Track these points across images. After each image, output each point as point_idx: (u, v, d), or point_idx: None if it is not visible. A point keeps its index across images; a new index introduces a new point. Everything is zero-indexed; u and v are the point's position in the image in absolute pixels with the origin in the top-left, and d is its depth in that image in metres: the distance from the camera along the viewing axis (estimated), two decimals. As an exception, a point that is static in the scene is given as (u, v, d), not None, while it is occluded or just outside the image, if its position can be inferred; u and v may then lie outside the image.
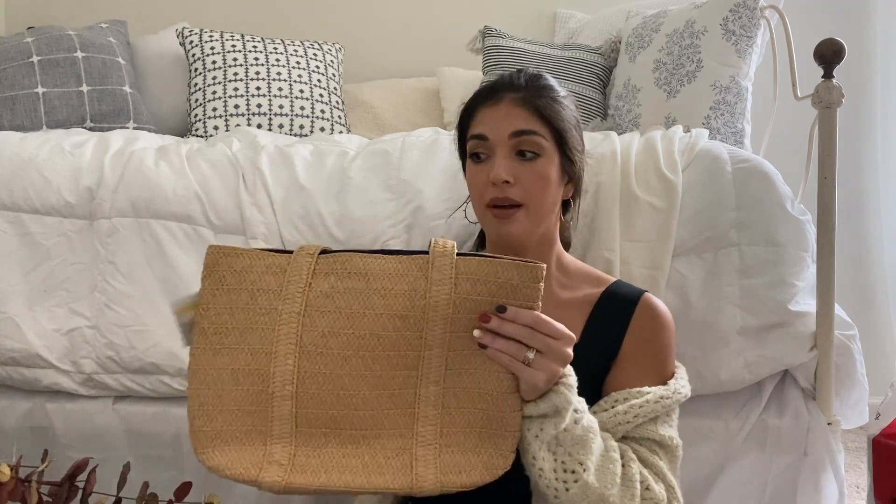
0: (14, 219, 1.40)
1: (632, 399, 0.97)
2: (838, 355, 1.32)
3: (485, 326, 0.81)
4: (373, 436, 0.82)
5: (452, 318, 0.81)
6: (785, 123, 1.83)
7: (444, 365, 0.82)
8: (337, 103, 2.14)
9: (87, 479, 1.10)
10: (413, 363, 0.82)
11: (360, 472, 0.81)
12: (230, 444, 0.82)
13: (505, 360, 0.81)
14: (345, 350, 0.81)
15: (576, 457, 0.87)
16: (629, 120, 1.80)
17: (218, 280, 0.83)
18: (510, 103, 1.04)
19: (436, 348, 0.81)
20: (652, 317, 1.05)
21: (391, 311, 0.81)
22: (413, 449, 0.82)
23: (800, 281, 1.31)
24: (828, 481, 1.32)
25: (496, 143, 1.03)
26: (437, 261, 0.81)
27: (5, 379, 1.37)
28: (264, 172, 1.44)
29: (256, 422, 0.82)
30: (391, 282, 0.81)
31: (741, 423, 1.34)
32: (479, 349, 0.81)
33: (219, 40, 2.12)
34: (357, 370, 0.81)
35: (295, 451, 0.81)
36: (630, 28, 1.94)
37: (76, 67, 1.97)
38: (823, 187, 1.32)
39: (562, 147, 1.05)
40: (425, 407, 0.82)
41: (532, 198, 1.02)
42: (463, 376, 0.82)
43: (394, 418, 0.82)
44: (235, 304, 0.82)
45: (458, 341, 0.82)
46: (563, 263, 1.11)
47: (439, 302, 0.80)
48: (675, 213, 1.32)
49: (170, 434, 1.38)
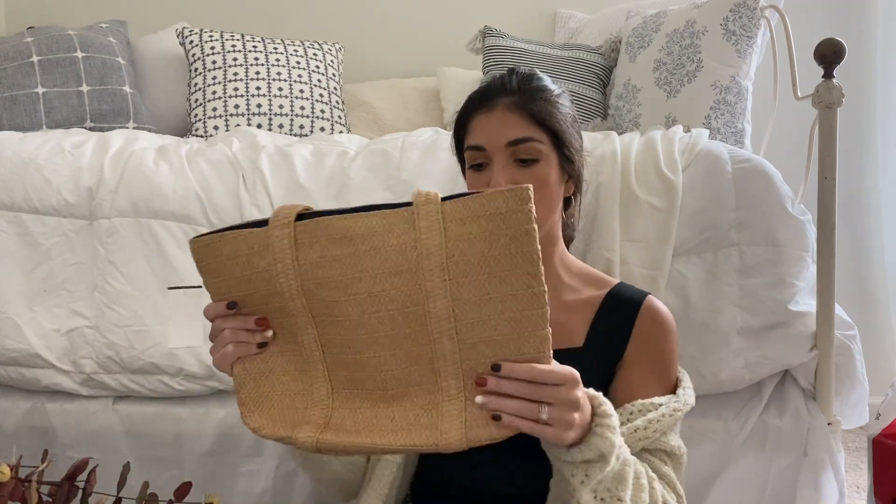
0: (14, 219, 1.40)
1: (647, 412, 0.96)
2: (838, 355, 1.32)
3: (485, 390, 0.75)
4: (401, 394, 0.79)
5: (448, 265, 0.75)
6: (785, 123, 1.83)
7: (451, 317, 0.77)
8: (337, 103, 2.14)
9: (87, 479, 1.10)
10: (421, 319, 0.77)
11: (389, 431, 0.79)
12: (274, 406, 0.83)
13: (521, 425, 0.75)
14: (349, 317, 0.78)
15: (615, 493, 0.85)
16: (629, 120, 1.80)
17: (213, 272, 0.82)
18: (504, 110, 1.02)
19: (439, 300, 0.76)
20: (656, 321, 1.04)
21: (385, 270, 0.76)
22: (440, 404, 0.78)
23: (800, 281, 1.31)
24: (828, 481, 1.32)
25: (493, 153, 1.02)
26: (422, 209, 0.76)
27: (5, 379, 1.37)
28: (264, 172, 1.44)
29: (300, 386, 0.83)
30: (378, 239, 0.77)
31: (741, 423, 1.34)
32: (490, 306, 0.75)
33: (219, 40, 2.12)
34: (367, 334, 0.78)
35: (332, 413, 0.81)
36: (630, 28, 1.94)
37: (76, 67, 1.97)
38: (823, 187, 1.32)
39: (559, 148, 1.04)
40: (443, 362, 0.78)
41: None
42: (475, 326, 0.77)
43: (416, 375, 0.79)
44: (240, 289, 0.82)
45: (461, 290, 0.76)
46: (566, 264, 1.11)
47: (431, 250, 0.75)
48: (675, 213, 1.32)
49: (170, 434, 1.38)
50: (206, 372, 1.35)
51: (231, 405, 1.39)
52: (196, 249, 0.82)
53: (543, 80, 1.07)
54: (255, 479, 1.38)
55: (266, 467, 1.38)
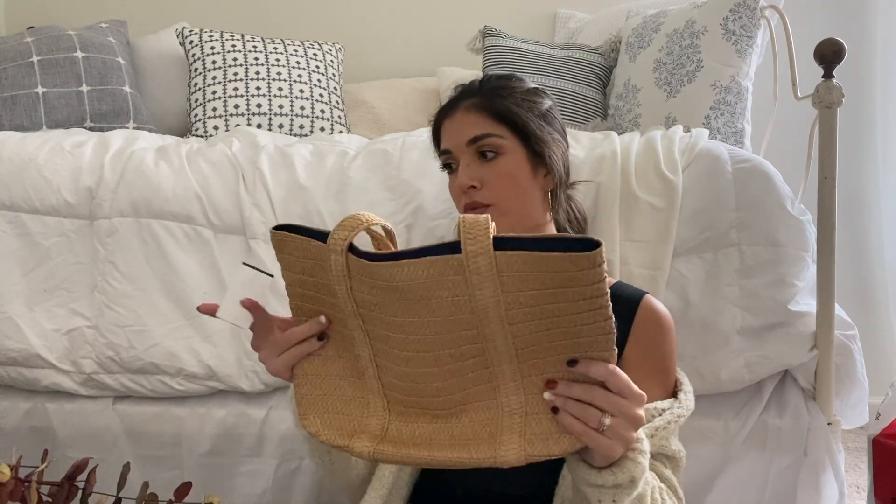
0: (14, 219, 1.40)
1: (652, 419, 0.96)
2: (838, 355, 1.32)
3: (555, 392, 0.74)
4: (460, 412, 0.79)
5: (507, 315, 0.72)
6: (785, 123, 1.83)
7: (513, 352, 0.75)
8: (337, 103, 2.14)
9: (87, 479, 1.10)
10: (479, 352, 0.75)
11: (446, 446, 0.79)
12: (330, 411, 0.83)
13: (578, 429, 0.73)
14: (403, 352, 0.77)
15: None
16: (629, 120, 1.80)
17: (287, 264, 0.82)
18: (464, 112, 1.08)
19: (499, 341, 0.74)
20: (654, 321, 1.04)
21: (437, 317, 0.74)
22: (500, 419, 0.77)
23: (800, 281, 1.31)
24: (828, 481, 1.32)
25: (458, 153, 1.07)
26: (472, 262, 0.70)
27: (5, 379, 1.37)
28: (264, 172, 1.44)
29: (357, 392, 0.83)
30: (427, 291, 0.72)
31: (741, 423, 1.34)
32: (545, 346, 0.74)
33: (219, 40, 2.12)
34: (421, 368, 0.77)
35: (388, 425, 0.81)
36: (630, 28, 1.94)
37: (76, 67, 1.97)
38: (823, 187, 1.32)
39: (525, 141, 1.06)
40: (503, 380, 0.77)
41: (500, 196, 1.05)
42: (537, 357, 0.75)
43: (476, 394, 0.78)
44: (308, 289, 0.82)
45: (522, 329, 0.73)
46: None
47: (488, 306, 0.72)
48: (675, 213, 1.32)
49: (170, 434, 1.38)
50: (206, 372, 1.35)
51: (231, 405, 1.39)
52: (274, 240, 0.82)
53: (511, 80, 1.11)
54: (255, 479, 1.38)
55: (266, 467, 1.38)
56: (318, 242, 0.78)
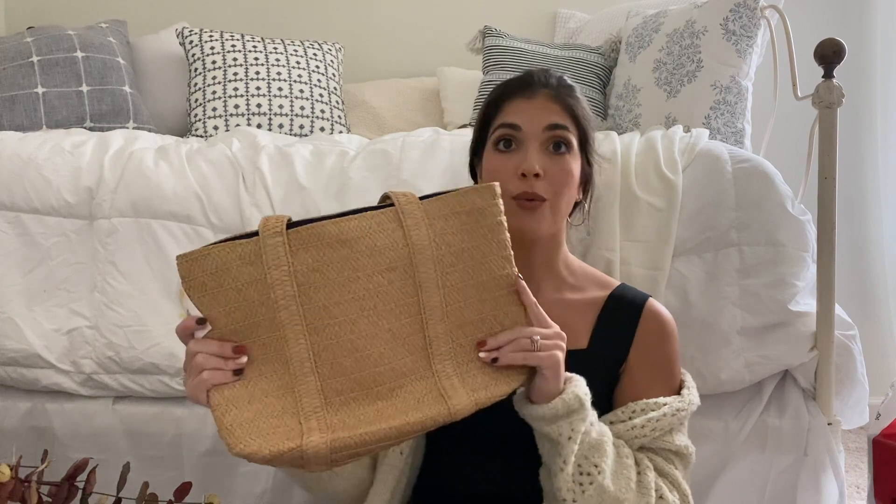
0: (14, 219, 1.40)
1: (649, 411, 0.97)
2: (838, 355, 1.32)
3: (487, 349, 0.85)
4: (397, 385, 0.83)
5: (436, 256, 0.85)
6: (785, 123, 1.83)
7: (443, 303, 0.85)
8: (337, 103, 2.14)
9: (87, 479, 1.10)
10: (415, 309, 0.84)
11: (398, 415, 0.82)
12: (263, 428, 0.80)
13: (520, 357, 0.84)
14: (349, 315, 0.82)
15: (591, 459, 0.88)
16: (629, 120, 1.80)
17: (200, 288, 0.81)
18: (545, 97, 1.05)
19: (431, 289, 0.85)
20: (658, 325, 1.05)
21: (380, 267, 0.83)
22: (438, 385, 0.84)
23: (800, 281, 1.31)
24: (828, 481, 1.32)
25: (529, 135, 1.03)
26: (406, 208, 0.86)
27: (5, 379, 1.37)
28: (264, 172, 1.44)
29: (286, 405, 0.81)
30: (371, 239, 0.83)
31: (741, 423, 1.34)
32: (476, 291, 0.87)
33: (219, 40, 2.12)
34: (366, 330, 0.82)
35: (329, 420, 0.81)
36: (630, 28, 1.94)
37: (76, 67, 1.97)
38: (823, 187, 1.32)
39: (584, 148, 1.07)
40: (437, 345, 0.85)
41: (556, 194, 1.02)
42: (463, 309, 0.86)
43: (412, 364, 0.84)
44: (228, 305, 0.81)
45: (449, 278, 0.86)
46: (569, 265, 1.11)
47: (422, 244, 0.85)
48: (675, 213, 1.32)
49: (170, 434, 1.38)
50: (206, 372, 1.35)
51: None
52: (182, 265, 0.80)
53: (575, 85, 1.10)
54: (255, 479, 1.38)
55: (265, 468, 1.38)
56: (244, 240, 0.81)
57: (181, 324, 0.82)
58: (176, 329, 0.82)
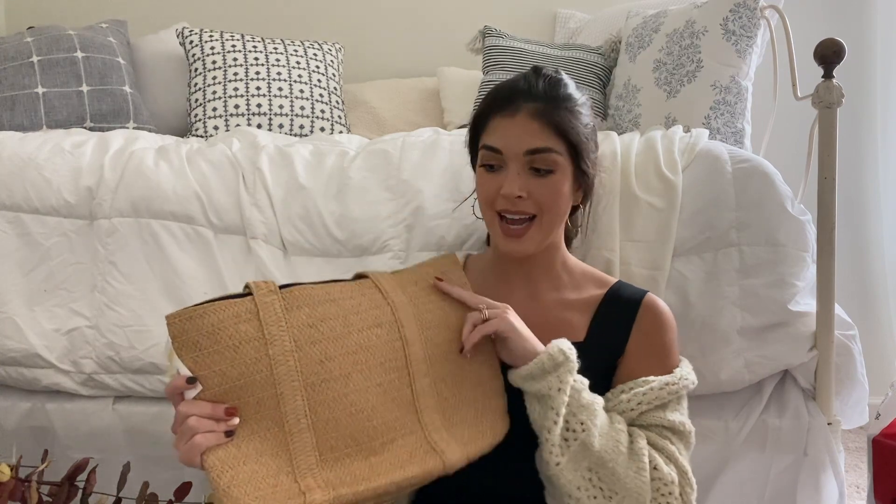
0: (14, 219, 1.40)
1: (636, 388, 0.99)
2: (838, 355, 1.32)
3: (439, 282, 1.00)
4: (389, 440, 0.86)
5: (416, 314, 0.93)
6: (785, 123, 1.83)
7: (426, 358, 0.92)
8: (337, 103, 2.14)
9: (87, 479, 1.10)
10: (402, 363, 0.89)
11: (394, 469, 0.84)
12: (262, 488, 0.79)
13: (476, 334, 0.94)
14: (344, 369, 0.85)
15: (578, 417, 0.91)
16: (629, 120, 1.80)
17: (193, 347, 0.79)
18: (526, 116, 1.00)
19: (416, 344, 0.91)
20: (656, 316, 1.06)
21: (368, 323, 0.89)
22: (427, 438, 0.88)
23: (800, 281, 1.31)
24: (828, 481, 1.32)
25: (509, 158, 1.01)
26: (377, 277, 0.95)
27: (5, 379, 1.37)
28: (264, 172, 1.44)
29: (281, 464, 0.81)
30: (356, 300, 0.90)
31: (741, 423, 1.34)
32: (453, 346, 0.95)
33: (219, 40, 2.12)
34: (359, 384, 0.85)
35: (326, 476, 0.82)
36: (630, 28, 1.94)
37: (76, 67, 1.97)
38: (823, 187, 1.32)
39: (576, 160, 1.04)
40: (424, 398, 0.89)
41: (544, 210, 1.02)
42: (444, 364, 0.93)
43: (401, 419, 0.87)
44: (223, 363, 0.79)
45: (430, 334, 0.93)
46: (567, 265, 1.12)
47: (402, 302, 0.92)
48: (675, 213, 1.32)
49: (170, 434, 1.37)
50: (206, 372, 1.35)
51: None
52: (174, 324, 0.79)
53: (569, 88, 1.05)
54: (255, 479, 1.38)
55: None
56: (238, 299, 0.83)
57: (170, 384, 0.81)
58: (165, 389, 0.81)
